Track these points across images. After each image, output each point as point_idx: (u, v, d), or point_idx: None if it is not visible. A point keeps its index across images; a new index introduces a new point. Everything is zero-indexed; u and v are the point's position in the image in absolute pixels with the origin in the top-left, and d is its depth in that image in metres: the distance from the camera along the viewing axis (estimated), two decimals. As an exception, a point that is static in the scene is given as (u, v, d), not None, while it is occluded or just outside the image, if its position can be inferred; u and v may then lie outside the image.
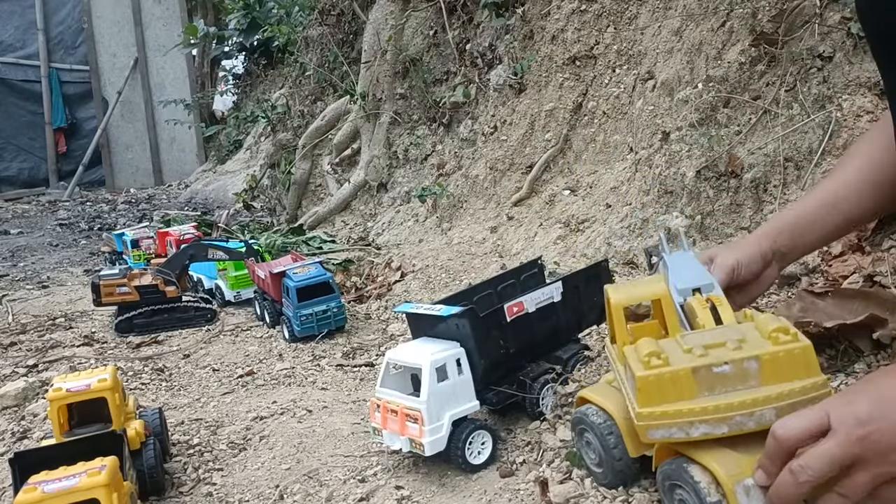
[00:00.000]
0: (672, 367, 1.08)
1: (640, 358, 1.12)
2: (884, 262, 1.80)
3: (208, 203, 8.44)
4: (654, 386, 1.08)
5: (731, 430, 1.05)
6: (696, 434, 1.06)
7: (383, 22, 4.91)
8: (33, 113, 11.53)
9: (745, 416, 1.04)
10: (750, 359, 1.07)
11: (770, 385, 1.06)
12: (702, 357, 1.09)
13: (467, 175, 4.07)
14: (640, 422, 1.10)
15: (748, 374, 1.07)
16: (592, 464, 1.38)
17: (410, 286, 3.28)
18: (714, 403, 1.05)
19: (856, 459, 0.94)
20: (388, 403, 1.63)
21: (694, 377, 1.07)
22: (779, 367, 1.07)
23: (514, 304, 1.71)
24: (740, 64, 2.64)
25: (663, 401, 1.08)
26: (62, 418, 1.69)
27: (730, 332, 1.14)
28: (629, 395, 1.16)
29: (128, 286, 3.32)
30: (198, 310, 3.36)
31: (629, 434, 1.26)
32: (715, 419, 1.05)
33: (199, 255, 3.55)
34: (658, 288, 1.27)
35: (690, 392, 1.07)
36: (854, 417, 0.94)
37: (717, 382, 1.07)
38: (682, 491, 1.10)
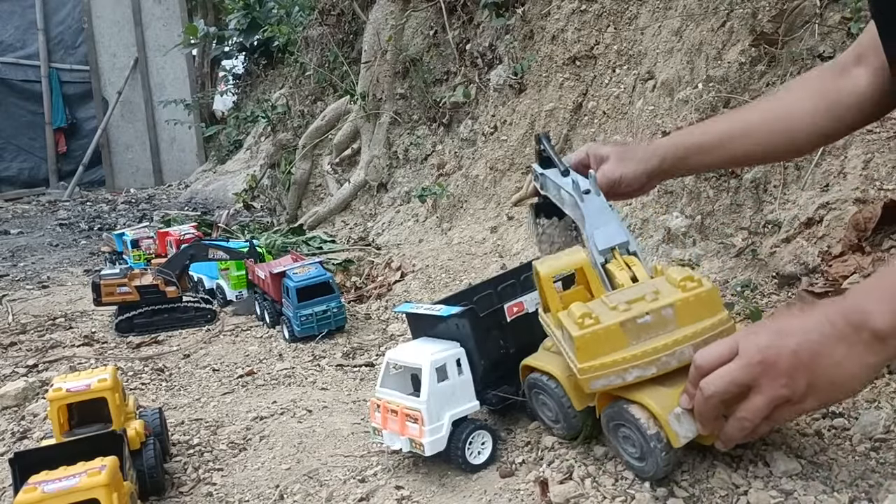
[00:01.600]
0: (603, 323, 1.23)
1: (574, 320, 1.25)
2: (884, 262, 1.80)
3: (208, 203, 8.44)
4: (589, 342, 1.23)
5: (658, 369, 1.21)
6: (631, 378, 1.21)
7: (383, 22, 4.91)
8: (33, 113, 11.53)
9: (669, 355, 1.20)
10: (666, 307, 1.23)
11: (685, 326, 1.22)
12: (626, 311, 1.23)
13: (467, 175, 4.07)
14: (583, 375, 1.25)
15: (666, 320, 1.23)
16: (550, 420, 1.53)
17: (410, 286, 3.28)
18: (642, 349, 1.21)
19: (754, 381, 1.10)
20: (388, 403, 1.63)
21: (622, 329, 1.22)
22: (690, 309, 1.23)
23: (514, 304, 1.71)
24: (740, 64, 2.64)
25: (599, 354, 1.22)
26: (62, 418, 1.68)
27: (646, 287, 1.29)
28: (569, 354, 1.29)
29: (128, 286, 3.32)
30: (198, 310, 3.36)
31: (573, 390, 1.41)
32: (644, 363, 1.20)
33: (199, 255, 3.54)
34: (579, 257, 1.42)
35: (621, 343, 1.22)
36: (755, 345, 1.10)
37: (642, 331, 1.22)
38: (625, 429, 1.27)
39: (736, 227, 2.42)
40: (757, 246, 2.28)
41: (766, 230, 2.30)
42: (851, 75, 1.50)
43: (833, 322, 1.08)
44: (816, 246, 2.06)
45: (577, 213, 1.55)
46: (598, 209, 1.51)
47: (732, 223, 2.43)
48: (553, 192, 1.66)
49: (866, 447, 1.34)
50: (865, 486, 1.23)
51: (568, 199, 1.60)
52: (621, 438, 1.29)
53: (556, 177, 1.65)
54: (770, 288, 2.10)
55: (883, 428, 1.36)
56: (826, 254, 1.99)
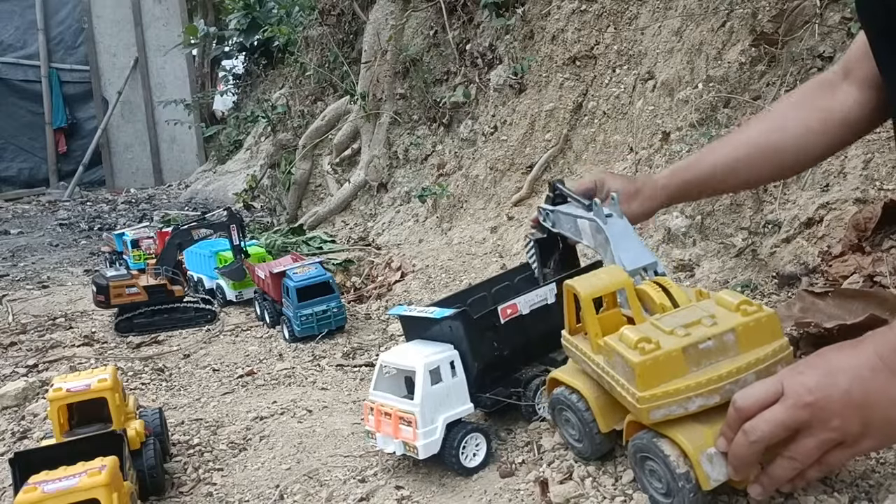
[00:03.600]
0: (664, 349, 1.15)
1: (631, 345, 1.17)
2: (884, 262, 1.80)
3: (208, 203, 8.44)
4: (651, 369, 1.14)
5: (722, 398, 1.13)
6: (693, 407, 1.14)
7: (383, 22, 4.91)
8: (33, 113, 11.53)
9: (733, 383, 1.13)
10: (727, 332, 1.16)
11: (747, 352, 1.16)
12: (686, 336, 1.16)
13: (467, 175, 4.07)
14: (643, 405, 1.15)
15: (728, 345, 1.16)
16: (573, 439, 1.46)
17: (410, 286, 3.28)
18: (706, 377, 1.13)
19: (803, 425, 1.02)
20: (381, 406, 1.63)
21: (684, 355, 1.15)
22: (751, 335, 1.17)
23: (507, 305, 1.70)
24: (740, 64, 2.64)
25: (660, 382, 1.14)
26: (62, 418, 1.68)
27: (699, 311, 1.23)
28: (621, 382, 1.21)
29: (137, 286, 3.32)
30: (198, 310, 3.36)
31: (600, 412, 1.35)
32: (708, 391, 1.13)
33: (185, 241, 3.54)
34: (621, 277, 1.35)
35: (682, 370, 1.15)
36: (803, 386, 1.03)
37: (703, 357, 1.16)
38: (653, 462, 1.19)
39: (736, 227, 2.42)
40: (757, 246, 2.28)
41: (766, 230, 2.29)
42: (840, 91, 1.50)
43: (883, 356, 1.02)
44: (816, 246, 2.07)
45: (601, 237, 1.50)
46: (622, 232, 1.48)
47: (732, 223, 2.43)
48: (567, 225, 1.63)
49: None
50: (866, 486, 1.23)
51: (587, 228, 1.56)
52: (647, 471, 1.22)
53: (571, 208, 1.64)
54: (770, 288, 2.10)
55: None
56: (826, 254, 1.99)
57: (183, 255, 3.84)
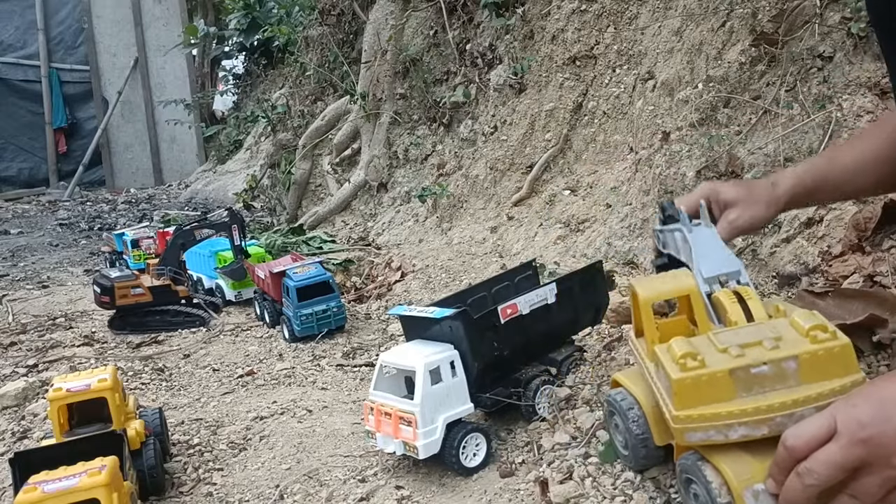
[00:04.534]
0: (709, 368, 1.05)
1: (674, 359, 1.08)
2: (884, 262, 1.80)
3: (208, 203, 8.44)
4: (690, 388, 1.05)
5: (770, 431, 1.02)
6: (735, 436, 1.03)
7: (383, 22, 4.91)
8: (33, 113, 11.53)
9: (786, 416, 1.01)
10: (788, 358, 1.04)
11: (809, 384, 1.03)
12: (739, 357, 1.06)
13: (467, 175, 4.07)
14: (677, 424, 1.07)
15: (787, 373, 1.04)
16: (620, 445, 1.37)
17: (410, 286, 3.28)
18: (754, 405, 1.02)
19: (861, 462, 0.93)
20: (381, 406, 1.63)
21: (731, 378, 1.04)
22: (818, 366, 1.04)
23: (507, 305, 1.70)
24: (740, 64, 2.64)
25: (700, 403, 1.05)
26: (62, 418, 1.68)
27: (765, 330, 1.10)
28: (663, 395, 1.13)
29: (142, 287, 3.32)
30: (188, 315, 3.35)
31: (656, 422, 1.23)
32: (755, 421, 1.02)
33: (188, 241, 3.54)
34: (686, 282, 1.23)
35: (728, 393, 1.04)
36: (857, 421, 0.94)
37: (755, 383, 1.04)
38: (696, 486, 1.10)
39: (736, 226, 2.41)
40: (757, 246, 2.28)
41: (767, 230, 2.29)
42: None
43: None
44: (816, 246, 2.06)
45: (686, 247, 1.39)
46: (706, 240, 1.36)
47: (732, 223, 2.43)
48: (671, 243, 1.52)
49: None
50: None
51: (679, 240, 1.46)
52: (692, 494, 1.13)
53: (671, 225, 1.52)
54: (770, 288, 2.09)
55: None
56: (826, 254, 1.99)
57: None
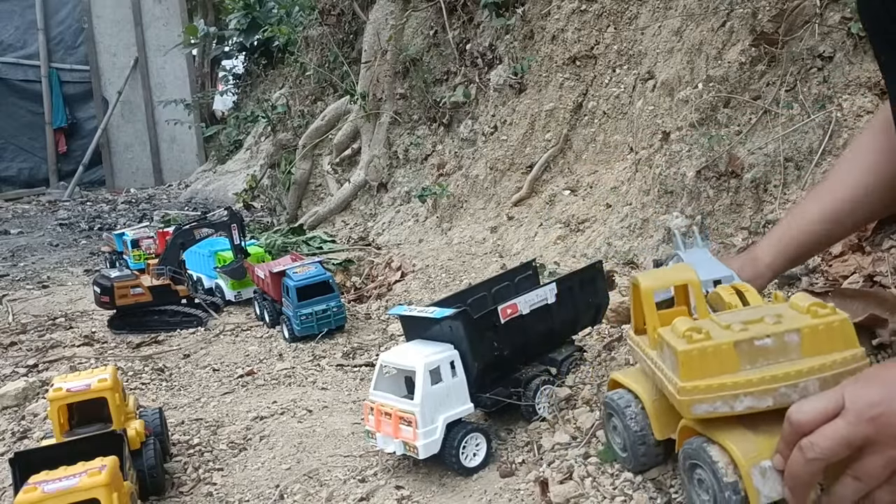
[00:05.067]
0: (714, 340, 1.08)
1: (680, 334, 1.11)
2: (884, 262, 1.80)
3: (208, 203, 8.44)
4: (696, 359, 1.07)
5: (776, 402, 1.04)
6: (741, 407, 1.05)
7: (383, 22, 4.91)
8: (33, 113, 11.54)
9: (790, 387, 1.04)
10: (790, 331, 1.07)
11: (812, 357, 1.06)
12: (743, 331, 1.08)
13: (467, 175, 4.07)
14: (683, 396, 1.08)
15: (789, 346, 1.07)
16: (618, 448, 1.38)
17: (410, 286, 3.28)
18: (759, 375, 1.04)
19: (867, 441, 0.94)
20: (381, 406, 1.63)
21: (736, 350, 1.06)
22: (819, 339, 1.07)
23: (507, 305, 1.70)
24: (740, 64, 2.64)
25: (706, 374, 1.07)
26: (62, 418, 1.68)
27: (766, 310, 1.14)
28: (668, 374, 1.14)
29: (142, 287, 3.32)
30: (185, 315, 3.35)
31: (656, 416, 1.26)
32: (760, 391, 1.04)
33: (188, 241, 3.54)
34: (687, 274, 1.27)
35: (733, 365, 1.06)
36: (866, 399, 0.94)
37: (759, 355, 1.07)
38: (701, 470, 1.10)
39: (736, 226, 2.42)
40: (757, 246, 2.28)
41: (767, 230, 2.29)
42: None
43: None
44: (816, 246, 2.06)
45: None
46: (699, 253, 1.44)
47: (732, 223, 2.43)
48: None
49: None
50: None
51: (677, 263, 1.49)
52: (696, 482, 1.13)
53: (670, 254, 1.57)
54: (770, 287, 2.09)
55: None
56: (826, 253, 1.99)
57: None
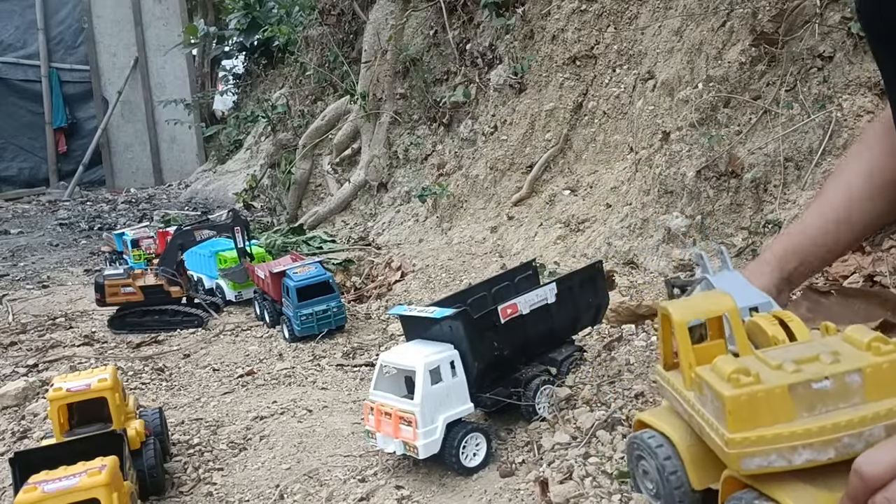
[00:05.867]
0: (766, 384, 0.95)
1: (725, 377, 0.98)
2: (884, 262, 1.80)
3: (209, 203, 8.44)
4: (746, 407, 0.94)
5: (838, 454, 0.92)
6: (800, 461, 0.92)
7: (383, 22, 4.91)
8: (33, 113, 11.54)
9: (854, 436, 0.91)
10: (851, 372, 0.95)
11: (877, 401, 0.95)
12: (796, 373, 0.96)
13: (467, 175, 4.07)
14: (732, 449, 0.95)
15: (850, 389, 0.95)
16: (650, 494, 1.23)
17: (410, 286, 3.28)
18: (818, 424, 0.92)
19: None
20: (381, 406, 1.63)
21: (791, 395, 0.94)
22: (884, 379, 0.95)
23: (507, 305, 1.70)
24: (740, 64, 2.64)
25: (757, 424, 0.94)
26: (62, 418, 1.68)
27: (819, 346, 1.02)
28: (711, 421, 1.01)
29: (133, 286, 3.32)
30: (186, 315, 3.35)
31: (693, 463, 1.12)
32: (820, 442, 0.92)
33: (188, 242, 3.54)
34: (724, 302, 1.12)
35: (788, 413, 0.94)
36: None
37: (817, 400, 0.95)
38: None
39: (736, 226, 2.42)
40: (757, 246, 2.28)
41: (767, 230, 2.29)
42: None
43: None
44: (816, 246, 2.06)
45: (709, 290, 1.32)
46: (730, 278, 1.32)
47: (732, 223, 2.43)
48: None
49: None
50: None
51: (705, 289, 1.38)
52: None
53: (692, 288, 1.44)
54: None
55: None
56: (826, 254, 1.99)
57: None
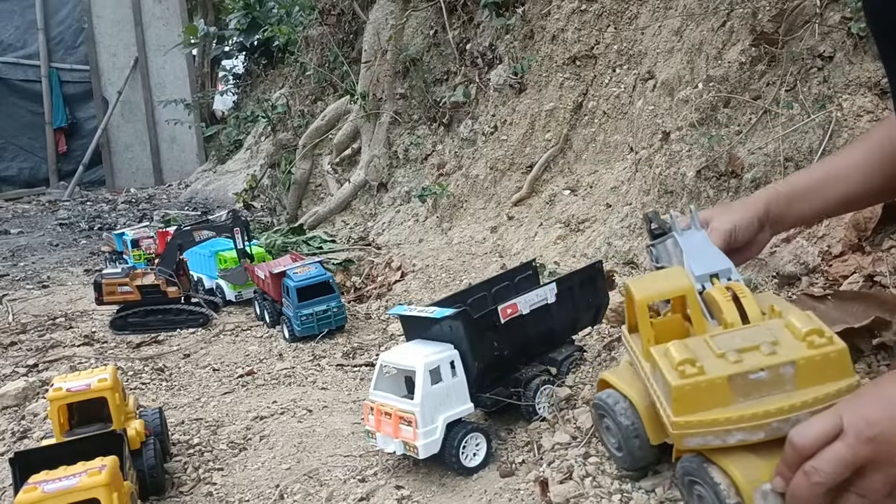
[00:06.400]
0: (708, 375, 1.06)
1: (673, 365, 1.09)
2: (884, 262, 1.80)
3: (208, 203, 8.44)
4: (689, 395, 1.07)
5: (767, 435, 1.04)
6: (733, 441, 1.05)
7: (383, 22, 4.91)
8: (33, 113, 11.54)
9: (782, 421, 1.04)
10: (786, 364, 1.06)
11: (806, 389, 1.05)
12: (737, 363, 1.07)
13: (467, 175, 4.07)
14: (676, 430, 1.09)
15: (784, 379, 1.06)
16: (613, 447, 1.38)
17: (410, 286, 3.28)
18: (751, 411, 1.04)
19: (867, 461, 0.95)
20: (381, 406, 1.63)
21: (730, 385, 1.06)
22: (814, 370, 1.06)
23: (507, 305, 1.70)
24: (740, 64, 2.64)
25: (699, 409, 1.07)
26: (62, 418, 1.69)
27: (761, 334, 1.12)
28: (661, 400, 1.15)
29: (129, 285, 3.32)
30: (191, 313, 3.35)
31: (650, 421, 1.25)
32: (752, 426, 1.04)
33: (186, 242, 3.54)
34: (682, 282, 1.24)
35: (726, 399, 1.06)
36: (864, 419, 0.96)
37: (753, 389, 1.06)
38: (701, 488, 1.11)
39: (736, 226, 2.41)
40: (757, 246, 2.28)
41: (766, 230, 2.29)
42: None
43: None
44: (816, 246, 2.06)
45: (678, 251, 1.42)
46: (697, 241, 1.40)
47: (732, 223, 2.43)
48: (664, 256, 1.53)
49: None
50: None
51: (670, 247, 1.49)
52: (696, 496, 1.13)
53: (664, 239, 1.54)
54: (770, 287, 2.09)
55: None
56: (826, 253, 1.99)
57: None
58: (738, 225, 1.45)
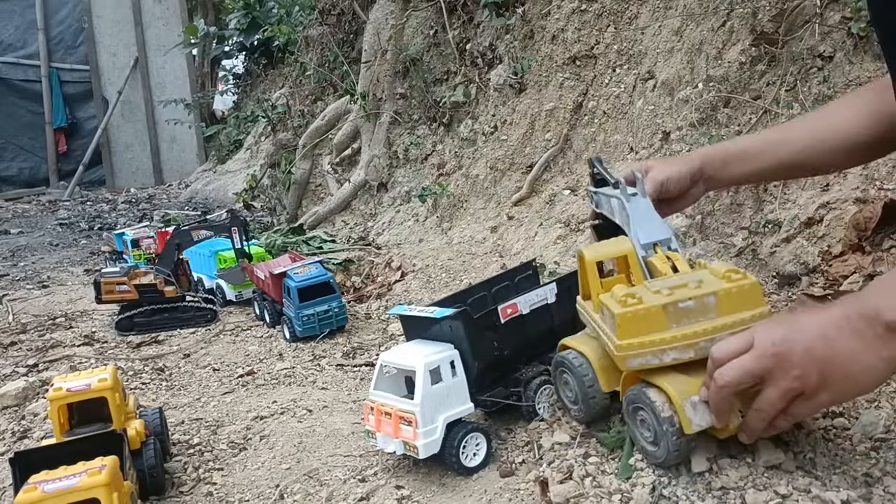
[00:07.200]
0: (645, 304, 1.26)
1: (617, 299, 1.29)
2: (884, 262, 1.80)
3: (208, 203, 8.44)
4: (631, 321, 1.26)
5: (696, 354, 1.24)
6: (668, 360, 1.25)
7: (383, 22, 4.91)
8: (33, 113, 11.54)
9: (708, 341, 1.23)
10: (709, 294, 1.26)
11: (726, 315, 1.25)
12: (669, 296, 1.26)
13: (467, 175, 4.07)
14: (620, 352, 1.27)
15: (708, 307, 1.26)
16: (569, 400, 1.57)
17: (410, 286, 3.28)
18: (682, 332, 1.24)
19: (766, 373, 1.13)
20: (381, 406, 1.63)
21: (664, 312, 1.25)
22: (732, 300, 1.26)
23: (507, 305, 1.70)
24: (741, 64, 2.64)
25: (639, 333, 1.26)
26: (62, 418, 1.68)
27: (689, 277, 1.34)
28: (608, 333, 1.33)
29: (128, 285, 3.32)
30: (198, 310, 3.36)
31: (602, 371, 1.46)
32: (683, 346, 1.24)
33: (185, 242, 3.54)
34: (625, 246, 1.50)
35: (661, 325, 1.25)
36: (770, 338, 1.13)
37: (683, 316, 1.25)
38: (643, 412, 1.29)
39: (736, 226, 2.42)
40: (757, 245, 2.28)
41: (767, 230, 2.30)
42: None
43: (848, 317, 1.09)
44: (817, 245, 2.07)
45: (624, 214, 1.58)
46: (643, 209, 1.56)
47: (732, 223, 2.43)
48: (605, 206, 1.70)
49: (866, 447, 1.34)
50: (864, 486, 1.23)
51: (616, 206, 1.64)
52: (639, 422, 1.32)
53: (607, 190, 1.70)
54: (770, 287, 2.10)
55: (883, 427, 1.36)
56: (826, 253, 1.99)
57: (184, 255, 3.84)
58: (671, 177, 1.61)
